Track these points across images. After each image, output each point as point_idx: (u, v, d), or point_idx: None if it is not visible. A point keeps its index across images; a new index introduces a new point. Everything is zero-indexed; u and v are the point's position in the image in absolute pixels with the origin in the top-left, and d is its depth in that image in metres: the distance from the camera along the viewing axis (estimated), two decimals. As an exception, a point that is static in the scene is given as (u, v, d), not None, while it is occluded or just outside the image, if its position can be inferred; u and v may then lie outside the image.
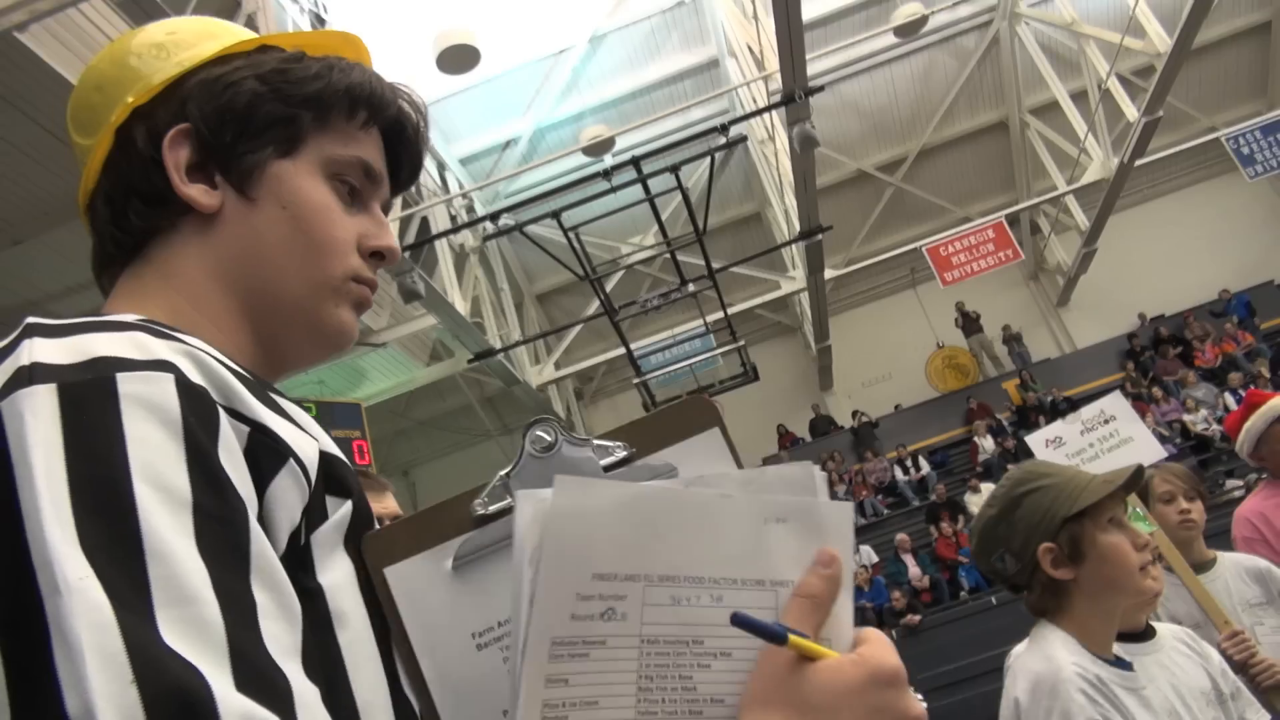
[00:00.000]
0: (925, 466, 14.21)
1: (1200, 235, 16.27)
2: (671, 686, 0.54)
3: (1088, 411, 2.69)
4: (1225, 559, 2.60)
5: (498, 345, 11.78)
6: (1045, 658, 1.36)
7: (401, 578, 0.60)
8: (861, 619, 10.62)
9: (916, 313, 17.16)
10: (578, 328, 13.74)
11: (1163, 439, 11.31)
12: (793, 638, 0.53)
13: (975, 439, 14.03)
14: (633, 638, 0.54)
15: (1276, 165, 11.96)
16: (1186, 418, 12.23)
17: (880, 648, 0.57)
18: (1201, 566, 2.55)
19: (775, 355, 17.02)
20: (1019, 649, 1.51)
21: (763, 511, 0.58)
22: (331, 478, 0.67)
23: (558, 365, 14.02)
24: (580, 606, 0.53)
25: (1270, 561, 2.56)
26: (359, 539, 0.66)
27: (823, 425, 16.39)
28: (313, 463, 0.65)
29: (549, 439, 0.61)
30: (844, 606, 0.58)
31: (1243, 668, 2.13)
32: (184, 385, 0.57)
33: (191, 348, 0.61)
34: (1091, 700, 1.27)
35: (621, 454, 0.62)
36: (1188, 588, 2.40)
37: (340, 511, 0.66)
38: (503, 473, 0.61)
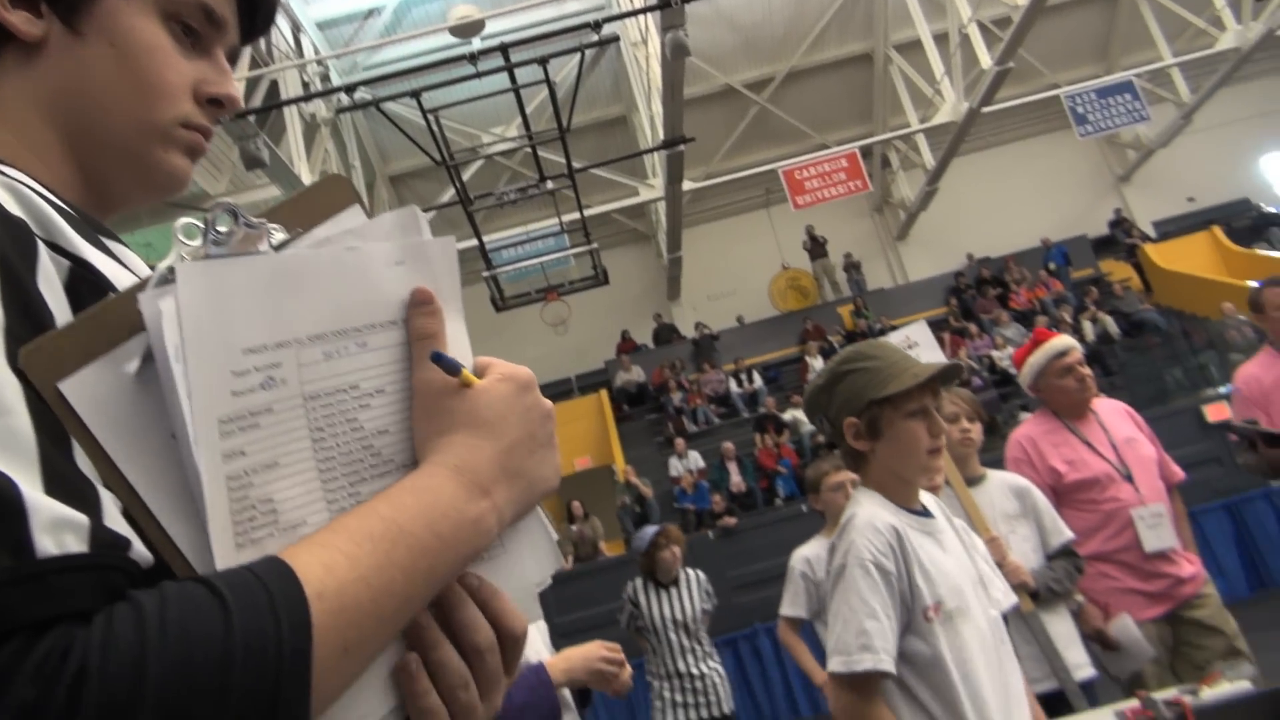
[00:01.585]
0: (758, 380, 14.84)
1: (1030, 186, 17.35)
2: (341, 431, 0.60)
3: (895, 336, 2.95)
4: (994, 476, 2.94)
5: (345, 224, 11.38)
6: (853, 510, 1.58)
7: (80, 388, 0.53)
8: (683, 521, 11.20)
9: (767, 233, 17.65)
10: (430, 214, 13.44)
11: (973, 371, 12.25)
12: (463, 371, 0.63)
13: (806, 358, 14.73)
14: (295, 398, 0.58)
15: (1106, 126, 12.84)
16: (995, 354, 13.24)
17: (507, 365, 0.69)
18: (973, 480, 2.88)
19: (627, 261, 17.20)
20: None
21: (384, 258, 0.64)
22: None
23: (407, 250, 13.69)
24: (238, 383, 0.55)
25: (1031, 481, 2.92)
26: None
27: (665, 334, 16.79)
28: None
29: (225, 230, 0.57)
30: (456, 333, 0.67)
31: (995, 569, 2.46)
32: (0, 216, 0.56)
33: (10, 180, 0.61)
34: (869, 542, 1.49)
35: (281, 237, 0.62)
36: (958, 496, 2.72)
37: None
38: (165, 262, 0.57)
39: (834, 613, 1.49)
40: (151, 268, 0.74)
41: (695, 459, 12.48)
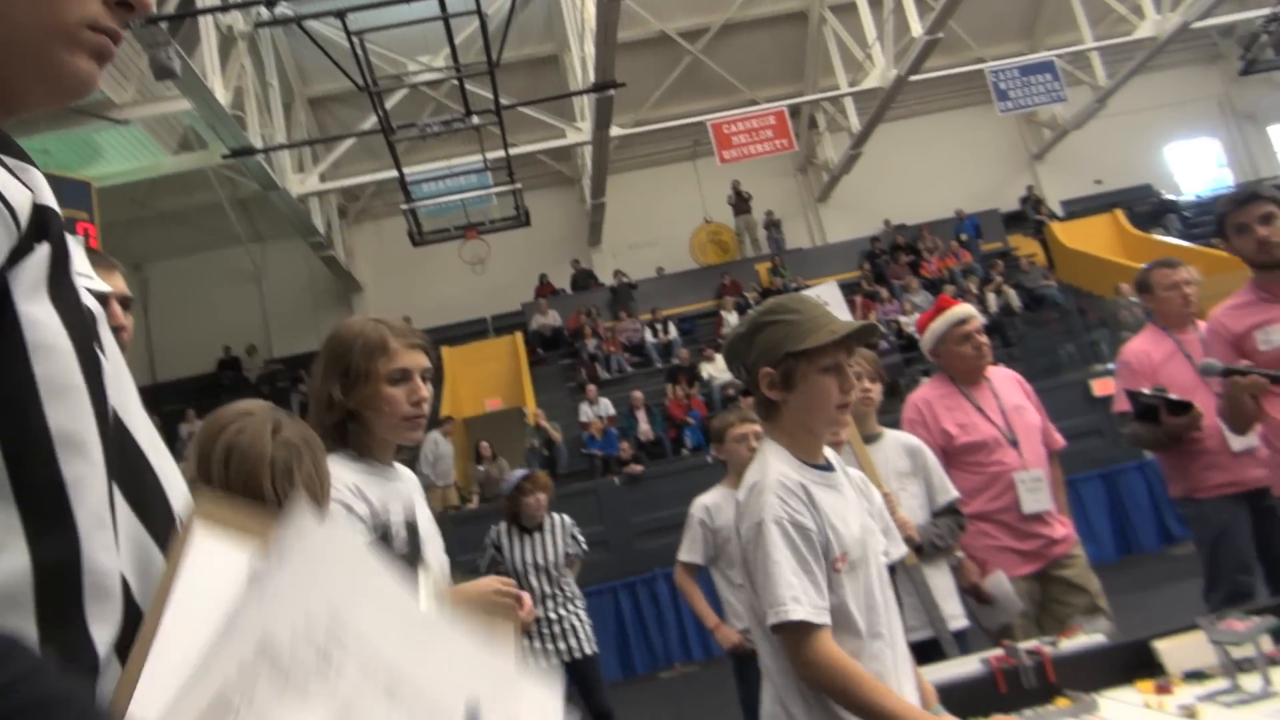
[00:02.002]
0: (673, 332, 14.97)
1: (950, 157, 17.72)
2: None
3: (808, 295, 3.03)
4: (889, 434, 3.06)
5: (258, 144, 10.98)
6: (761, 469, 1.63)
7: (203, 547, 0.63)
8: (590, 466, 11.31)
9: (691, 185, 17.65)
10: (349, 141, 13.04)
11: (880, 335, 12.56)
12: None
13: (722, 313, 14.90)
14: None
15: (1026, 104, 13.17)
16: (903, 319, 13.61)
17: None
18: (870, 438, 3.00)
19: (549, 204, 17.01)
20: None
21: None
22: (41, 226, 0.67)
23: (323, 178, 13.29)
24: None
25: (924, 441, 3.05)
26: (62, 288, 0.68)
27: (584, 280, 16.76)
28: (24, 210, 0.65)
29: None
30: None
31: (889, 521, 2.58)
32: None
33: None
34: (783, 501, 1.55)
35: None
36: (855, 452, 2.84)
37: (39, 252, 0.67)
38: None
39: (758, 571, 1.53)
40: (48, 177, 0.73)
41: (606, 406, 12.57)
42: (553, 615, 4.48)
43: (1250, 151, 19.02)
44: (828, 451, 1.74)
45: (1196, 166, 19.15)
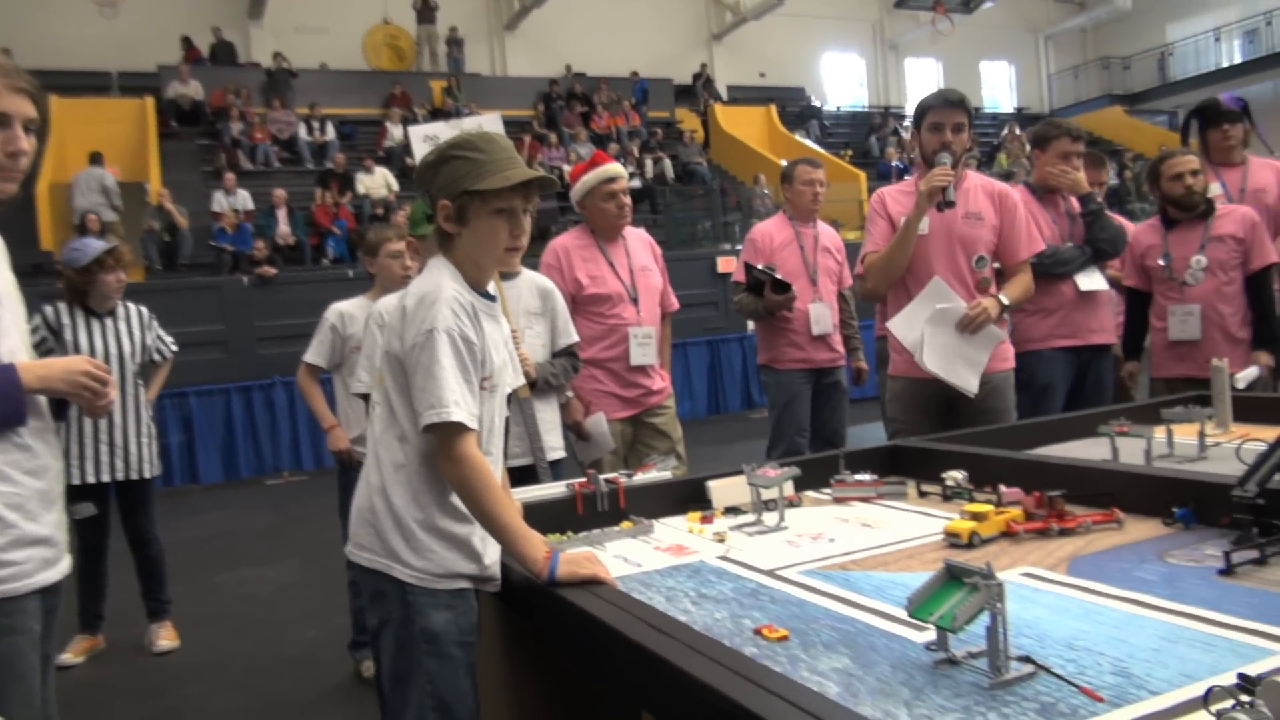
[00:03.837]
0: (331, 133, 14.04)
1: (640, 17, 17.96)
2: None
3: (469, 122, 3.02)
4: (526, 274, 3.19)
5: None
6: (434, 282, 1.67)
7: None
8: (218, 260, 10.51)
9: (374, -23, 16.32)
10: None
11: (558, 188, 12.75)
12: None
13: (387, 124, 14.21)
14: None
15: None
16: (565, 167, 13.87)
17: None
18: (508, 275, 3.11)
19: (208, -44, 14.91)
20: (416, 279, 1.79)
21: None
22: None
23: None
24: None
25: (557, 286, 3.22)
26: None
27: (224, 53, 15.03)
28: None
29: None
30: None
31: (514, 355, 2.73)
32: None
33: None
34: (455, 314, 1.62)
35: None
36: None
37: None
38: None
39: (420, 374, 1.60)
40: None
41: (245, 199, 11.64)
42: (117, 422, 3.87)
43: (887, 78, 21.30)
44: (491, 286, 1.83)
45: (842, 81, 21.14)
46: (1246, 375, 3.22)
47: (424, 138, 2.98)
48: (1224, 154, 3.93)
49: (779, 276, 4.00)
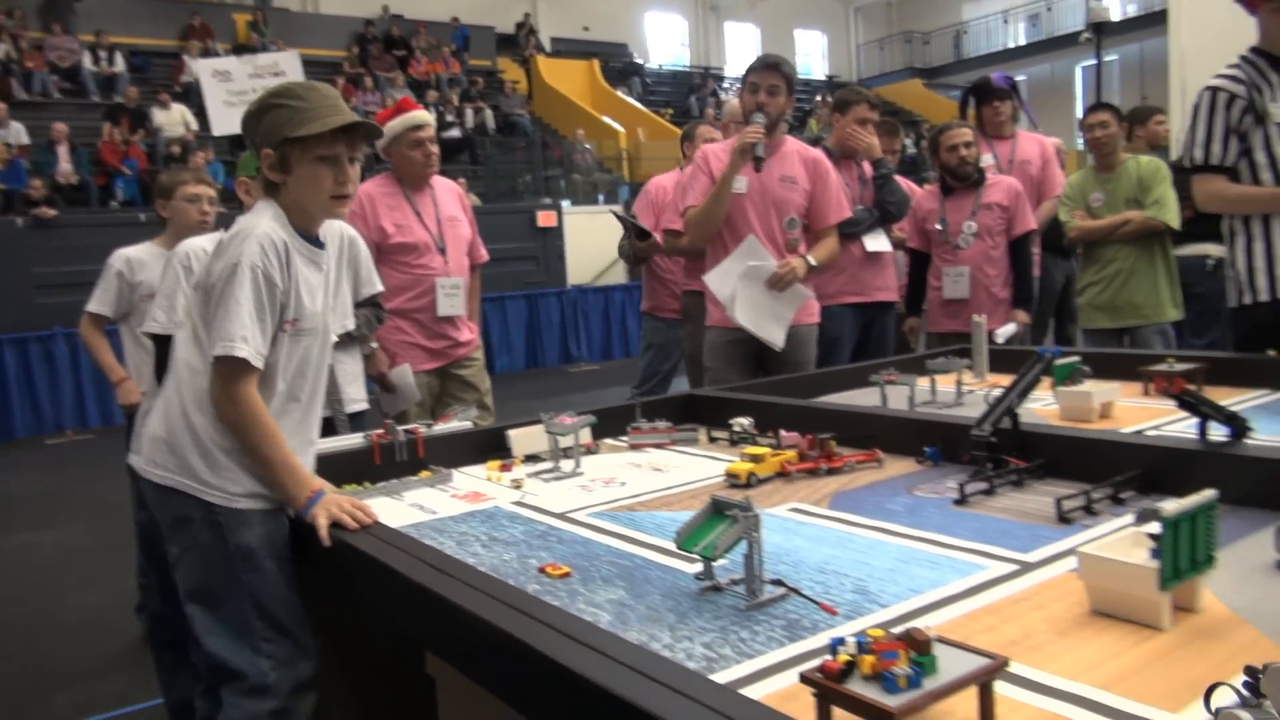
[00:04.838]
0: (121, 64, 12.93)
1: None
2: None
3: (264, 59, 2.87)
4: (330, 224, 3.09)
5: None
6: (254, 219, 1.66)
7: None
8: (-14, 197, 9.52)
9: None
10: None
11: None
12: None
13: (185, 58, 13.21)
14: None
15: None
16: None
17: None
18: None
19: None
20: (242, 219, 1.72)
21: None
22: None
23: None
24: None
25: (360, 234, 3.13)
26: None
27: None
28: None
29: None
30: None
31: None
32: None
33: None
34: (264, 252, 1.61)
35: None
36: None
37: None
38: None
39: (218, 306, 1.59)
40: None
41: (19, 132, 10.59)
42: None
43: (708, 40, 21.66)
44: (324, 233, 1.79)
45: (665, 40, 21.34)
46: (1005, 331, 3.57)
47: (213, 73, 2.81)
48: (995, 128, 4.29)
49: (639, 224, 4.14)
